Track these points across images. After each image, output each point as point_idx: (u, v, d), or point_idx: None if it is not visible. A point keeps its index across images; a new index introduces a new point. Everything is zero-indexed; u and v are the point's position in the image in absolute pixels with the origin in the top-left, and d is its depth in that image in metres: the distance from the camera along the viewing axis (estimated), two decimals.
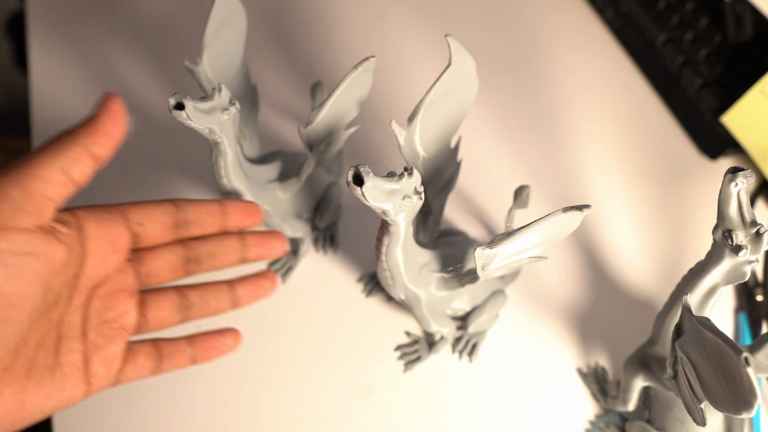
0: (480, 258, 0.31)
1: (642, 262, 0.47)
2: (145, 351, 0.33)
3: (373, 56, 0.34)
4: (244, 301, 0.37)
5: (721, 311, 0.45)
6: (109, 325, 0.31)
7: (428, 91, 0.33)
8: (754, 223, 0.29)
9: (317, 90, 0.43)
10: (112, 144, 0.29)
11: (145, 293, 0.34)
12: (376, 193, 0.28)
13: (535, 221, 0.30)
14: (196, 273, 0.36)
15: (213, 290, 0.36)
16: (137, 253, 0.33)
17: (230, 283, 0.37)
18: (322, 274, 0.45)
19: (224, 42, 0.37)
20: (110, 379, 0.31)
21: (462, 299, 0.40)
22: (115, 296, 0.32)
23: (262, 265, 0.43)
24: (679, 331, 0.28)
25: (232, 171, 0.36)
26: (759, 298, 0.45)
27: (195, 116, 0.31)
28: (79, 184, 0.28)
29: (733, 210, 0.29)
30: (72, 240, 0.29)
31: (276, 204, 0.41)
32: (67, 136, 0.28)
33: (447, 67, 0.33)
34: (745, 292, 0.45)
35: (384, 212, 0.29)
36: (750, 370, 0.23)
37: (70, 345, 0.30)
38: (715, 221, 0.30)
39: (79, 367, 0.30)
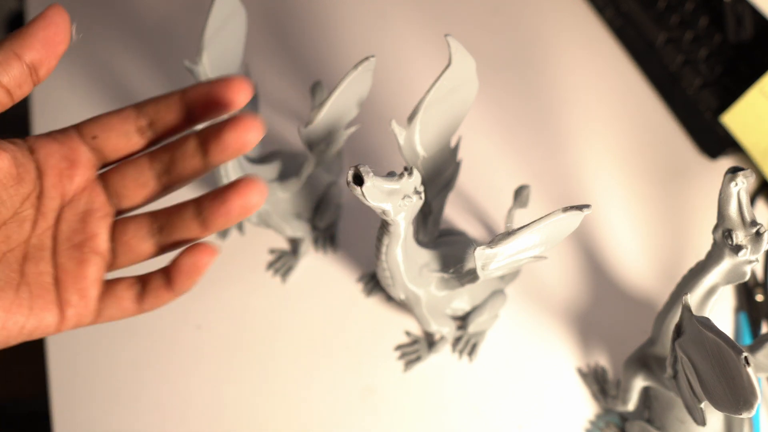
0: (480, 258, 0.31)
1: (642, 262, 0.47)
2: (126, 282, 0.31)
3: (372, 56, 0.34)
4: (210, 226, 0.32)
5: (721, 311, 0.45)
6: (79, 249, 0.30)
7: (428, 91, 0.33)
8: (754, 223, 0.29)
9: (317, 90, 0.43)
10: (48, 51, 0.27)
11: (118, 221, 0.32)
12: (376, 193, 0.28)
13: (535, 221, 0.30)
14: (170, 187, 0.33)
15: (180, 211, 0.32)
16: (104, 175, 0.32)
17: (197, 202, 0.32)
18: (322, 273, 0.45)
19: (224, 41, 0.37)
20: (88, 309, 0.30)
21: (462, 299, 0.40)
22: (85, 218, 0.31)
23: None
24: (679, 331, 0.28)
25: (232, 170, 0.36)
26: (759, 298, 0.45)
27: None
28: (13, 94, 0.27)
29: (733, 210, 0.29)
30: (20, 155, 0.28)
31: (276, 204, 0.41)
32: None
33: (447, 66, 0.33)
34: (745, 292, 0.45)
35: (384, 212, 0.29)
36: (750, 370, 0.23)
37: (38, 267, 0.29)
38: (715, 221, 0.30)
39: (48, 289, 0.29)
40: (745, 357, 0.24)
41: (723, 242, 0.29)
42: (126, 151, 0.31)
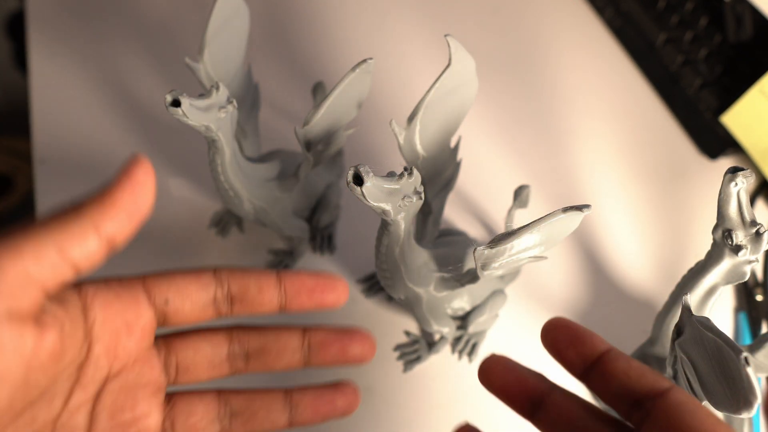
0: (480, 258, 0.31)
1: (642, 262, 0.47)
2: None
3: (371, 58, 0.34)
4: (304, 419, 0.28)
5: (721, 311, 0.45)
6: (123, 430, 0.25)
7: (428, 91, 0.33)
8: (753, 222, 0.29)
9: (319, 90, 0.43)
10: (131, 222, 0.22)
11: (176, 395, 0.27)
12: (376, 193, 0.28)
13: (535, 221, 0.30)
14: (243, 372, 0.28)
15: (263, 399, 0.28)
16: (168, 340, 0.27)
17: (288, 392, 0.28)
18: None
19: (226, 40, 0.37)
20: None
21: (462, 299, 0.40)
22: (134, 393, 0.25)
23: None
24: (679, 331, 0.28)
25: (230, 169, 0.36)
26: (759, 298, 0.45)
27: (191, 113, 0.31)
28: (81, 268, 0.22)
29: (732, 210, 0.29)
30: (69, 324, 0.22)
31: (274, 203, 0.41)
32: (71, 208, 0.22)
33: (447, 67, 0.33)
34: (745, 292, 0.45)
35: (384, 212, 0.29)
36: (750, 370, 0.23)
37: None
38: (715, 221, 0.30)
39: None
40: (745, 357, 0.24)
41: (723, 242, 0.29)
42: (193, 321, 0.27)
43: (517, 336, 0.43)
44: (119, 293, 0.24)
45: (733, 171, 0.28)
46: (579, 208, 0.29)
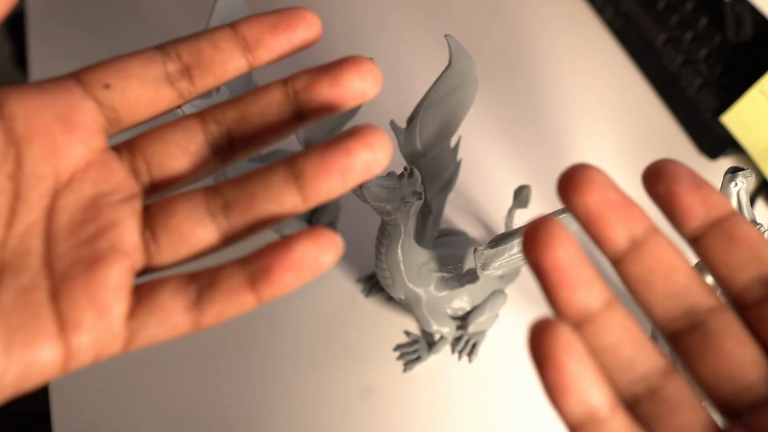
0: (480, 258, 0.31)
1: None
2: (173, 285, 0.20)
3: (370, 58, 0.34)
4: (314, 192, 0.22)
5: None
6: (89, 246, 0.20)
7: (428, 91, 0.33)
8: (753, 222, 0.29)
9: None
10: None
11: (159, 200, 0.22)
12: (376, 193, 0.28)
13: None
14: (231, 158, 0.23)
15: (261, 176, 0.22)
16: (130, 142, 0.22)
17: (289, 161, 0.22)
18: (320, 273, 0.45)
19: None
20: (112, 332, 0.19)
21: (462, 299, 0.40)
22: (95, 203, 0.21)
23: None
24: None
25: (229, 169, 0.36)
26: None
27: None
28: None
29: None
30: None
31: None
32: None
33: (447, 66, 0.33)
34: None
35: (384, 212, 0.29)
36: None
37: (20, 281, 0.19)
38: None
39: (39, 311, 0.19)
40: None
41: None
42: (150, 109, 0.22)
43: (517, 336, 0.43)
44: (42, 86, 0.21)
45: (733, 171, 0.28)
46: None
